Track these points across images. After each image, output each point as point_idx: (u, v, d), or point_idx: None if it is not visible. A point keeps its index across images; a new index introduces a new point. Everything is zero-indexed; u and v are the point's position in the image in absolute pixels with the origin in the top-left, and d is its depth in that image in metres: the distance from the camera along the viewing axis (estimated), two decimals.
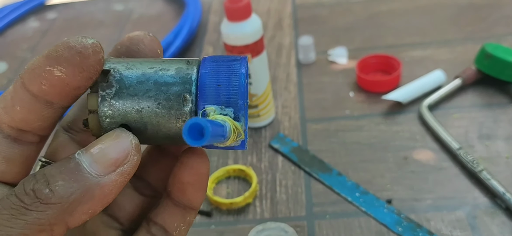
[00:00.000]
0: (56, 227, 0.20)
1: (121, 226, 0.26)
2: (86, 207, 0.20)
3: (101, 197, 0.20)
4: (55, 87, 0.21)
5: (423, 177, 0.59)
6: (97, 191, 0.20)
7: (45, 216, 0.19)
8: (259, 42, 0.62)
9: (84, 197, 0.20)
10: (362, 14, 0.91)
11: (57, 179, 0.20)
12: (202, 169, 0.23)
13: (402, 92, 0.69)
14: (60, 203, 0.19)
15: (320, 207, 0.58)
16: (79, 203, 0.20)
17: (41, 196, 0.19)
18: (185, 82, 0.22)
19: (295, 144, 0.66)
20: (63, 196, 0.19)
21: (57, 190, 0.20)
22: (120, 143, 0.21)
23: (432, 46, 0.79)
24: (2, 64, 0.94)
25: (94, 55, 0.21)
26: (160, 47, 0.25)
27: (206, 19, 0.96)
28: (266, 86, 0.66)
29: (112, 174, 0.20)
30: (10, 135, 0.22)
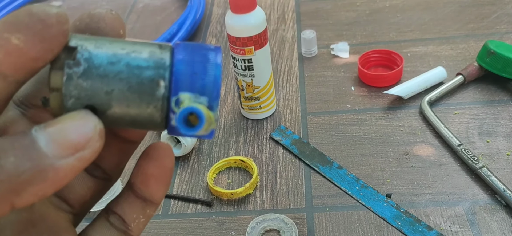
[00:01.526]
0: (0, 205, 0.18)
1: (71, 209, 0.24)
2: (36, 189, 0.18)
3: (54, 181, 0.18)
4: (11, 56, 0.18)
5: (423, 172, 0.59)
6: (51, 173, 0.18)
7: None
8: (262, 34, 0.62)
9: (36, 178, 0.18)
10: (364, 9, 0.91)
11: (9, 154, 0.18)
12: (167, 163, 0.23)
13: (403, 87, 0.69)
14: (8, 181, 0.17)
15: (319, 199, 0.58)
16: (29, 183, 0.18)
17: None
18: (159, 67, 0.21)
19: (296, 136, 0.66)
20: (12, 174, 0.17)
21: (7, 166, 0.17)
22: (83, 125, 0.19)
23: (434, 43, 0.80)
24: None
25: (58, 25, 0.19)
26: (123, 27, 0.23)
27: (210, 11, 0.96)
28: (268, 78, 0.66)
29: (70, 157, 0.18)
30: None
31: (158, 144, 0.23)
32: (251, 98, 0.67)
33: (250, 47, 0.62)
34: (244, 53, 0.62)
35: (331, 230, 0.54)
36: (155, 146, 0.23)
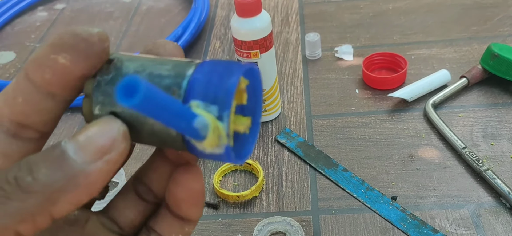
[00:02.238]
0: (39, 217, 0.19)
1: (121, 231, 0.25)
2: (70, 196, 0.19)
3: (87, 186, 0.19)
4: (58, 76, 0.20)
5: (428, 175, 0.60)
6: (82, 179, 0.19)
7: (27, 206, 0.18)
8: (268, 37, 0.62)
9: (69, 186, 0.18)
10: (368, 11, 0.91)
11: (40, 166, 0.19)
12: (195, 186, 0.23)
13: (407, 90, 0.69)
14: (42, 192, 0.18)
15: (325, 202, 0.58)
16: (63, 192, 0.18)
17: (23, 184, 0.18)
18: (177, 76, 0.21)
19: (301, 139, 0.66)
20: (46, 184, 0.18)
21: (40, 178, 0.18)
22: (107, 129, 0.20)
23: (438, 45, 0.80)
24: (10, 54, 0.95)
25: (99, 43, 0.20)
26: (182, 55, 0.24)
27: (214, 13, 0.96)
28: (273, 81, 0.66)
29: (98, 161, 0.19)
30: (10, 130, 0.21)
31: (185, 168, 0.23)
32: None
33: (255, 50, 0.62)
34: (249, 56, 0.63)
35: (337, 233, 0.55)
36: (182, 170, 0.23)
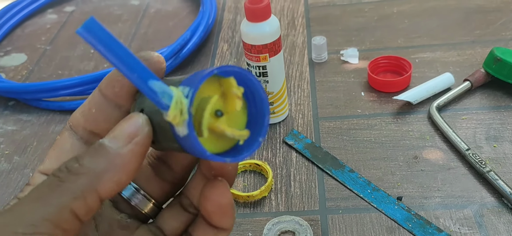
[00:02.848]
0: (88, 194, 0.23)
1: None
2: (111, 175, 0.23)
3: (123, 165, 0.23)
4: (124, 89, 0.25)
5: (433, 176, 0.61)
6: (119, 159, 0.23)
7: (77, 186, 0.23)
8: (277, 41, 0.64)
9: (109, 166, 0.23)
10: (372, 15, 0.93)
11: (85, 156, 0.23)
12: (222, 200, 0.26)
13: (412, 93, 0.71)
14: (88, 173, 0.23)
15: (333, 202, 0.60)
16: (105, 171, 0.23)
17: (72, 169, 0.23)
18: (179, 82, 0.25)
19: (308, 141, 0.68)
20: (90, 168, 0.23)
21: (85, 163, 0.23)
22: (133, 121, 0.24)
23: (441, 49, 0.82)
24: (21, 56, 0.96)
25: (158, 63, 0.26)
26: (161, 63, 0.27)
27: (221, 16, 0.98)
28: (282, 84, 0.68)
29: (129, 144, 0.24)
30: (83, 137, 0.27)
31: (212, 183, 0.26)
32: None
33: (265, 54, 0.64)
34: (259, 60, 0.65)
35: (345, 232, 0.56)
36: (209, 185, 0.26)
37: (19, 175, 0.69)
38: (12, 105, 0.83)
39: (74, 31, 1.02)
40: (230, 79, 0.25)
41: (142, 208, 0.29)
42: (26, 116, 0.81)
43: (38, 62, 0.94)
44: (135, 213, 0.29)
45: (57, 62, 0.94)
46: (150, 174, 0.29)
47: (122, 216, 0.28)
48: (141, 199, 0.29)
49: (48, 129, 0.78)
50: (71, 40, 0.99)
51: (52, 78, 0.88)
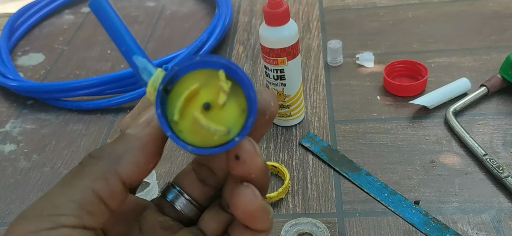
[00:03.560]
0: (109, 175, 0.24)
1: None
2: (130, 156, 0.25)
3: (141, 147, 0.25)
4: None
5: (450, 181, 0.62)
6: (137, 142, 0.25)
7: (98, 168, 0.24)
8: (295, 45, 0.64)
9: (128, 148, 0.25)
10: (388, 19, 0.93)
11: (107, 145, 0.25)
12: (251, 207, 0.25)
13: (429, 97, 0.71)
14: (108, 156, 0.25)
15: (349, 205, 0.60)
16: (124, 153, 0.25)
17: (94, 154, 0.25)
18: None
19: (325, 144, 0.69)
20: (111, 151, 0.25)
21: (106, 148, 0.25)
22: (151, 108, 0.26)
23: (457, 54, 0.82)
24: (39, 56, 0.98)
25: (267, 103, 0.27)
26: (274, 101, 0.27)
27: (236, 19, 0.99)
28: (298, 87, 0.69)
29: (146, 128, 0.26)
30: None
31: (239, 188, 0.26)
32: (281, 106, 0.69)
33: (283, 58, 0.65)
34: (276, 63, 0.65)
35: (362, 235, 0.57)
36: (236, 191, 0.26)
37: (38, 174, 0.70)
38: (31, 104, 0.84)
39: (91, 32, 1.03)
40: (219, 72, 0.25)
41: (186, 212, 0.29)
42: (45, 115, 0.82)
43: (56, 62, 0.95)
44: (179, 217, 0.29)
45: (74, 62, 0.95)
46: (193, 179, 0.30)
47: (165, 218, 0.29)
48: (185, 203, 0.29)
49: (66, 128, 0.78)
50: (88, 41, 1.00)
51: (70, 78, 0.89)
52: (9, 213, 0.65)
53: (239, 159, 0.25)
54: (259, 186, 0.26)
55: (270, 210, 0.26)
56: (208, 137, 0.25)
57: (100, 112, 0.80)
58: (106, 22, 0.26)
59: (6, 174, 0.71)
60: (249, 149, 0.25)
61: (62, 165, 0.71)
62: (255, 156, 0.25)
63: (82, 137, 0.76)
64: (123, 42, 0.26)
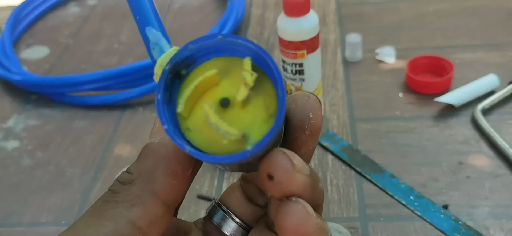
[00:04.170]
0: (146, 199, 0.20)
1: None
2: (162, 168, 0.21)
3: (171, 152, 0.21)
4: None
5: (480, 184, 0.58)
6: (164, 149, 0.21)
7: (131, 192, 0.21)
8: (315, 38, 0.61)
9: (157, 161, 0.21)
10: (408, 13, 0.89)
11: (132, 164, 0.22)
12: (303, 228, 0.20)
13: (455, 95, 0.67)
14: (139, 177, 0.21)
15: (373, 208, 0.57)
16: (155, 168, 0.21)
17: (123, 180, 0.21)
18: None
19: (345, 143, 0.65)
20: (140, 170, 0.21)
21: (133, 168, 0.21)
22: None
23: (483, 49, 0.78)
24: (43, 49, 0.94)
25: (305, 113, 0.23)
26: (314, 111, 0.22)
27: (248, 12, 0.95)
28: (318, 83, 0.65)
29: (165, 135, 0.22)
30: None
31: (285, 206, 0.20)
32: None
33: (302, 51, 0.61)
34: (295, 57, 0.61)
35: None
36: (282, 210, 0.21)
37: (43, 172, 0.67)
38: (35, 100, 0.81)
39: (97, 25, 0.99)
40: (245, 59, 0.20)
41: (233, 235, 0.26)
42: (49, 111, 0.78)
43: (61, 56, 0.92)
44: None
45: (79, 56, 0.91)
46: (241, 198, 0.26)
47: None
48: (234, 228, 0.26)
49: (71, 124, 0.75)
50: (94, 34, 0.97)
51: (75, 72, 0.86)
52: (12, 214, 0.61)
53: (272, 179, 0.19)
54: (310, 202, 0.20)
55: (328, 229, 0.21)
56: (216, 141, 0.19)
57: (106, 108, 0.76)
58: None
59: (9, 172, 0.67)
60: (284, 165, 0.19)
61: (67, 163, 0.68)
62: (292, 173, 0.19)
63: (88, 133, 0.73)
64: (140, 9, 0.21)
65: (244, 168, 0.23)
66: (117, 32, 0.96)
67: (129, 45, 0.92)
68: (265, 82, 0.20)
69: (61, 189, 0.64)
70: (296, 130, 0.22)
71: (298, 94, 0.22)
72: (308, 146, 0.22)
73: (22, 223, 0.60)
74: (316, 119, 0.22)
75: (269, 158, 0.19)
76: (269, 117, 0.19)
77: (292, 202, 0.20)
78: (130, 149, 0.69)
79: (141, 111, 0.75)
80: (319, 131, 0.22)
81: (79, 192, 0.63)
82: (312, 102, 0.22)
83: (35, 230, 0.59)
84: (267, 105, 0.20)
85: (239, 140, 0.19)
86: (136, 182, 0.21)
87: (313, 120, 0.22)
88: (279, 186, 0.19)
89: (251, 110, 0.20)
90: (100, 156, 0.68)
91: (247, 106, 0.20)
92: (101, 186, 0.63)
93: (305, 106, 0.22)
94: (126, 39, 0.94)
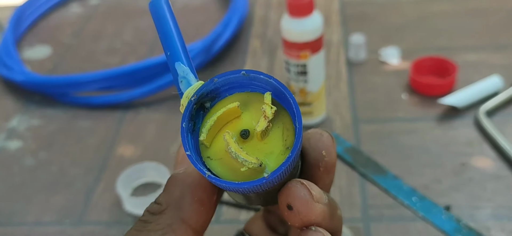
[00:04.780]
0: (176, 226, 0.22)
1: None
2: (190, 197, 0.22)
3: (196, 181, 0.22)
4: None
5: (482, 185, 0.58)
6: (189, 179, 0.22)
7: (162, 221, 0.22)
8: (319, 39, 0.61)
9: (184, 190, 0.22)
10: (412, 13, 0.89)
11: (160, 195, 0.23)
12: None
13: (458, 97, 0.67)
14: (168, 207, 0.22)
15: (376, 209, 0.57)
16: (183, 197, 0.22)
17: (153, 210, 0.22)
18: None
19: (348, 144, 0.65)
20: (168, 199, 0.22)
21: (161, 199, 0.23)
22: None
23: (486, 51, 0.78)
24: (46, 48, 0.94)
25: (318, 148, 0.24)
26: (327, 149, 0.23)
27: (251, 12, 0.95)
28: (321, 84, 0.65)
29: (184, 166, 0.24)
30: None
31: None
32: (302, 104, 0.66)
33: (305, 52, 0.61)
34: (299, 58, 0.61)
35: None
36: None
37: (45, 172, 0.67)
38: (38, 100, 0.81)
39: (100, 25, 0.99)
40: (266, 93, 0.21)
41: None
42: (52, 111, 0.78)
43: (64, 56, 0.92)
44: None
45: (82, 56, 0.91)
46: (263, 227, 0.27)
47: None
48: None
49: (74, 124, 0.75)
50: (96, 34, 0.97)
51: (78, 72, 0.86)
52: (15, 213, 0.61)
53: (292, 209, 0.21)
54: (329, 229, 0.22)
55: None
56: (235, 169, 0.21)
57: (109, 108, 0.76)
58: (160, 23, 0.23)
59: (12, 173, 0.68)
60: (303, 195, 0.20)
61: (70, 163, 0.68)
62: (311, 203, 0.21)
63: (91, 134, 0.73)
64: (170, 46, 0.23)
65: (264, 201, 0.24)
66: (120, 32, 0.96)
67: (131, 45, 0.92)
68: (283, 115, 0.22)
69: (64, 189, 0.64)
70: (311, 167, 0.23)
71: (311, 132, 0.23)
72: (324, 181, 0.23)
73: (25, 223, 0.60)
74: (329, 156, 0.23)
75: (288, 188, 0.21)
76: (286, 149, 0.21)
77: (311, 231, 0.21)
78: (133, 149, 0.69)
79: (144, 111, 0.76)
80: (333, 167, 0.23)
81: (82, 192, 0.63)
82: (325, 140, 0.23)
83: (38, 229, 0.59)
84: (285, 138, 0.21)
85: (256, 168, 0.20)
86: (166, 211, 0.22)
87: (326, 157, 0.23)
88: (298, 216, 0.21)
89: (270, 142, 0.21)
90: (103, 156, 0.68)
91: (265, 138, 0.21)
92: (104, 187, 0.63)
93: (318, 145, 0.23)
94: (129, 38, 0.94)
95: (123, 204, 0.59)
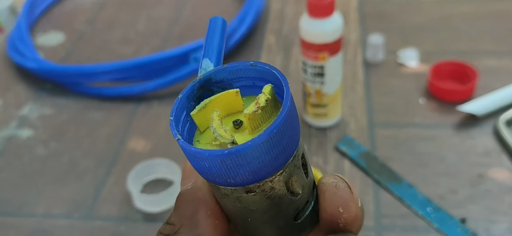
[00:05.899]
0: None
1: None
2: (203, 211, 0.21)
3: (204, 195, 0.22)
4: None
5: (499, 198, 0.56)
6: (199, 193, 0.22)
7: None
8: (338, 41, 0.59)
9: (195, 205, 0.21)
10: (433, 14, 0.87)
11: (171, 215, 0.22)
12: None
13: (478, 104, 0.65)
14: (183, 225, 0.21)
15: (389, 218, 0.55)
16: (195, 212, 0.21)
17: (167, 232, 0.22)
18: None
19: (363, 149, 0.63)
20: (181, 218, 0.21)
21: (175, 219, 0.22)
22: None
23: (509, 57, 0.76)
24: (59, 35, 0.93)
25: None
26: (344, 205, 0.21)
27: (267, 7, 0.93)
28: (338, 86, 0.63)
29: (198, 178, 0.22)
30: None
31: None
32: (318, 106, 0.64)
33: (323, 53, 0.59)
34: (317, 59, 0.60)
35: None
36: None
37: (56, 163, 0.66)
38: (49, 88, 0.80)
39: (114, 13, 0.98)
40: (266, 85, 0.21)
41: None
42: (64, 100, 0.78)
43: (77, 43, 0.91)
44: None
45: (96, 44, 0.90)
46: None
47: None
48: None
49: (86, 115, 0.74)
50: (110, 22, 0.96)
51: (91, 60, 0.85)
52: (25, 204, 0.61)
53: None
54: None
55: None
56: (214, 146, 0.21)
57: (121, 100, 0.76)
58: (212, 36, 0.25)
59: (23, 162, 0.67)
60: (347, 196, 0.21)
61: (81, 155, 0.67)
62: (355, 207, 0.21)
63: (102, 125, 0.72)
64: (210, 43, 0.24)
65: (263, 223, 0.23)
66: (134, 22, 0.95)
67: (145, 35, 0.91)
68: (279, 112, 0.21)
69: (74, 181, 0.63)
70: (330, 224, 0.21)
71: (326, 184, 0.21)
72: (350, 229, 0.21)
73: (35, 214, 0.60)
74: (348, 212, 0.21)
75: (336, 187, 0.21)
76: None
77: None
78: (145, 143, 0.68)
79: (156, 105, 0.75)
80: (355, 222, 0.21)
81: (93, 185, 0.62)
82: (341, 194, 0.21)
83: (48, 221, 0.59)
84: None
85: (228, 143, 0.20)
86: (181, 231, 0.21)
87: (344, 214, 0.21)
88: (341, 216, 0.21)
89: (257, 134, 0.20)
90: (114, 149, 0.67)
91: (256, 131, 0.20)
92: (114, 181, 0.63)
93: (333, 200, 0.21)
94: (143, 28, 0.93)
95: (133, 200, 0.59)
